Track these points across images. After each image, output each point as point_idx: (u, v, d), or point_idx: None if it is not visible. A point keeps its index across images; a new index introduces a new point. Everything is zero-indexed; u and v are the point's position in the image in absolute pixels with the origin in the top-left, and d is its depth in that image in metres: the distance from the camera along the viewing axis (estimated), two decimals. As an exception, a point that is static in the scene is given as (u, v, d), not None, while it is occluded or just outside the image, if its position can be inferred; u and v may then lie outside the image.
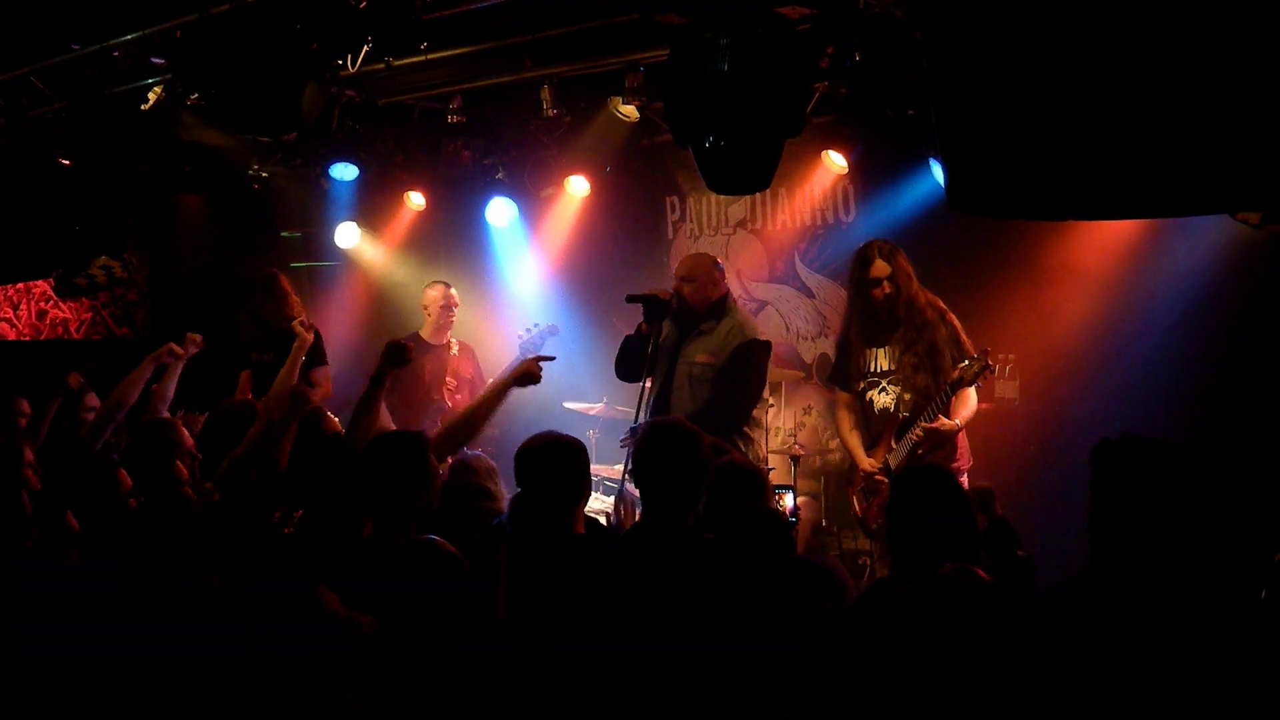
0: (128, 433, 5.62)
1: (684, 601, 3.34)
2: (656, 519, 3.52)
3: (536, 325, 6.93)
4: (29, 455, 4.70)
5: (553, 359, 5.23)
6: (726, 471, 4.12)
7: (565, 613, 3.49)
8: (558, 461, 3.82)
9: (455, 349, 7.32)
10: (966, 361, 5.47)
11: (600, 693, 3.34)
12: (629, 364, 5.85)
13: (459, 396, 7.03)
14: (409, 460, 3.90)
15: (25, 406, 5.55)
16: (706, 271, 5.85)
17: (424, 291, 7.45)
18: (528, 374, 5.00)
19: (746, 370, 5.72)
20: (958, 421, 5.51)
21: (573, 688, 3.37)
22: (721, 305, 5.84)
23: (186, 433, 5.08)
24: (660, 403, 5.74)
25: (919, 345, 5.61)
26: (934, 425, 5.46)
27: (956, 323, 5.67)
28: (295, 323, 6.11)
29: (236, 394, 6.55)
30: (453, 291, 7.40)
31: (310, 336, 6.03)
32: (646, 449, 3.56)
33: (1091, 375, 6.13)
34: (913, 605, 3.10)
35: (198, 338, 6.05)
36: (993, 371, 5.52)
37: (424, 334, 7.33)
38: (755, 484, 4.32)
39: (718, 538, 3.55)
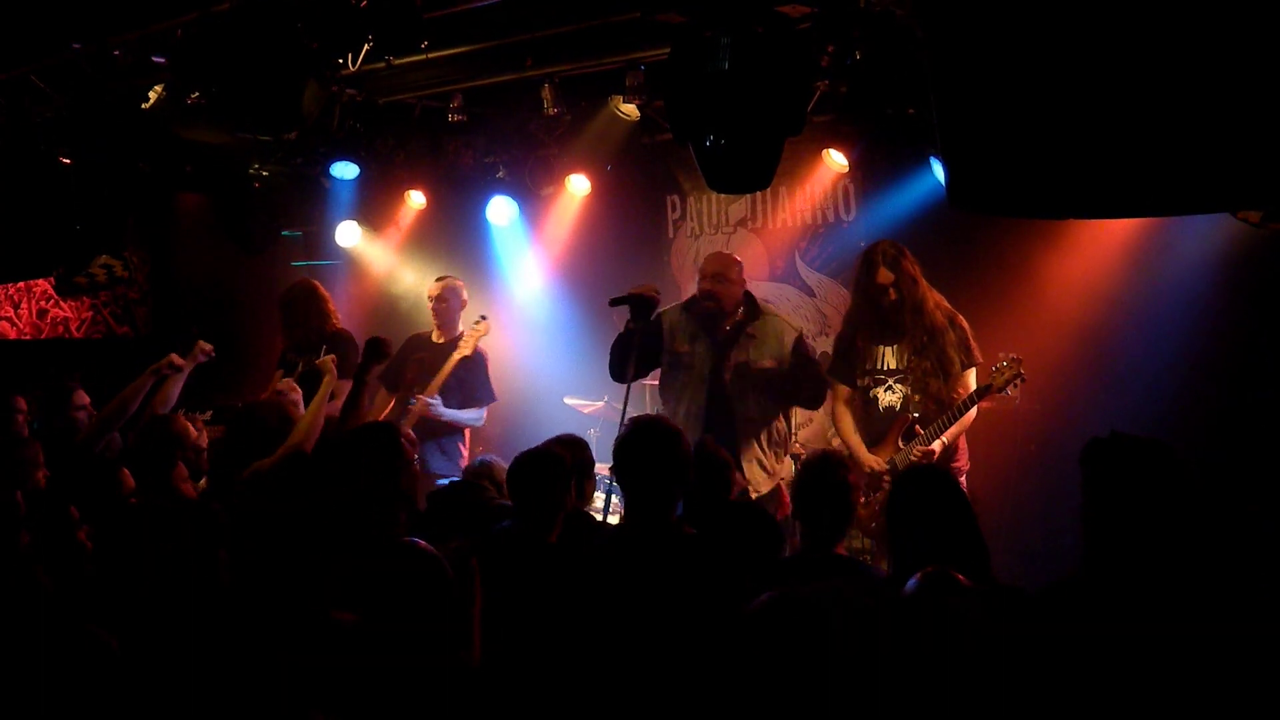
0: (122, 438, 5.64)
1: (667, 599, 3.36)
2: (639, 517, 3.54)
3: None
4: (40, 456, 4.71)
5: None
6: (697, 459, 4.17)
7: (546, 614, 3.52)
8: (536, 475, 3.97)
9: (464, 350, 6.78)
10: (995, 368, 5.49)
11: (583, 692, 3.35)
12: (621, 364, 5.81)
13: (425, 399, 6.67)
14: (377, 453, 3.91)
15: (22, 404, 5.53)
16: (736, 269, 5.84)
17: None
18: None
19: (816, 361, 5.85)
20: (944, 440, 5.54)
21: (557, 688, 3.39)
22: (753, 304, 5.86)
23: (190, 428, 5.11)
24: (719, 413, 5.69)
25: (931, 350, 5.61)
26: (929, 448, 5.50)
27: (966, 326, 5.67)
28: (321, 360, 5.98)
29: (269, 389, 6.55)
30: (444, 285, 7.05)
31: (335, 375, 5.87)
32: (629, 447, 3.58)
33: (1092, 375, 6.13)
34: (884, 607, 3.10)
35: (208, 347, 6.02)
36: (1023, 380, 5.51)
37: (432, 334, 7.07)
38: (726, 474, 4.39)
39: (700, 533, 3.57)
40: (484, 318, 6.94)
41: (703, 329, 5.81)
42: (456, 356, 6.71)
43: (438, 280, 7.17)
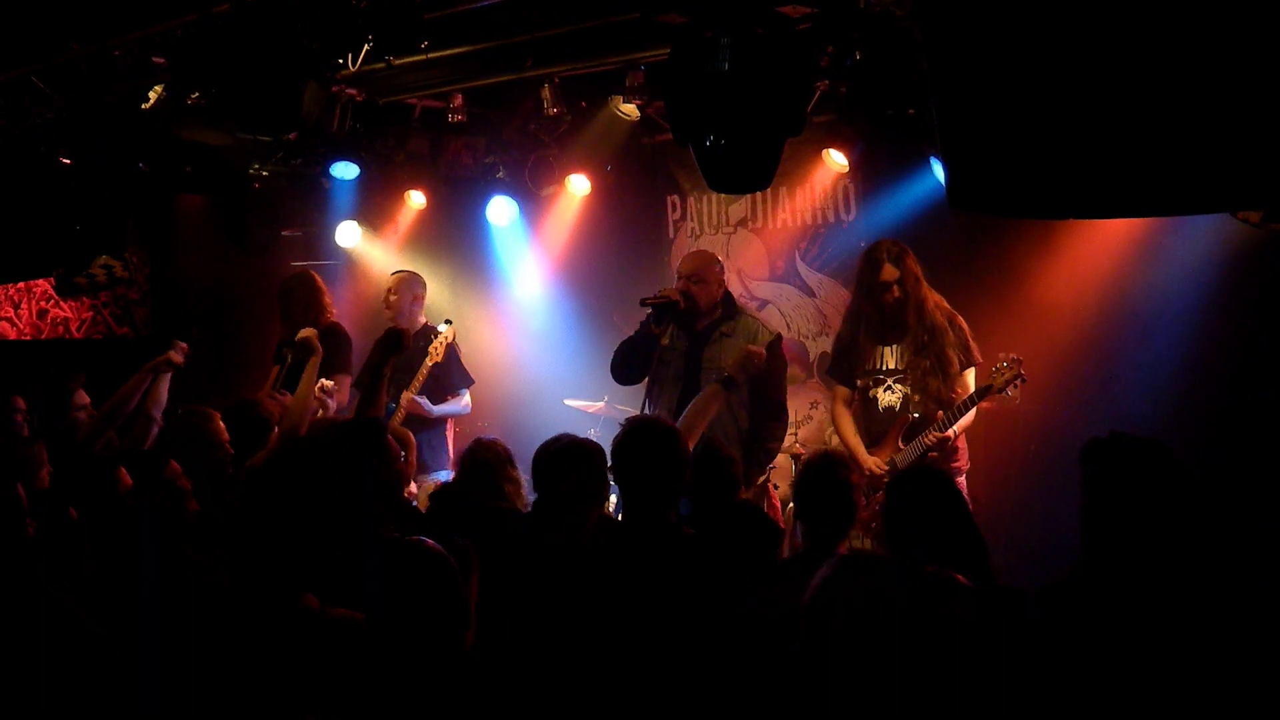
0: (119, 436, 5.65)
1: (664, 599, 3.36)
2: (636, 516, 3.54)
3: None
4: (44, 455, 4.71)
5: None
6: (701, 457, 4.15)
7: (548, 612, 3.51)
8: (578, 465, 3.87)
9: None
10: (995, 368, 5.50)
11: (582, 690, 3.35)
12: (634, 366, 5.87)
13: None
14: (363, 450, 3.89)
15: (20, 403, 5.54)
16: (715, 270, 5.89)
17: None
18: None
19: (782, 372, 5.82)
20: (955, 430, 5.57)
21: (555, 685, 3.39)
22: (731, 304, 5.90)
23: (222, 429, 5.14)
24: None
25: (931, 349, 5.62)
26: (945, 435, 5.50)
27: (965, 325, 5.69)
28: (304, 336, 6.04)
29: (267, 386, 6.59)
30: (397, 279, 7.15)
31: (320, 351, 5.99)
32: (625, 446, 3.58)
33: (1092, 375, 6.13)
34: (877, 602, 3.10)
35: (184, 346, 5.99)
36: (1023, 380, 5.52)
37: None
38: (730, 471, 4.37)
39: (698, 533, 3.57)
40: (449, 321, 6.95)
41: (681, 327, 5.87)
42: (429, 363, 6.74)
43: (393, 274, 7.24)
